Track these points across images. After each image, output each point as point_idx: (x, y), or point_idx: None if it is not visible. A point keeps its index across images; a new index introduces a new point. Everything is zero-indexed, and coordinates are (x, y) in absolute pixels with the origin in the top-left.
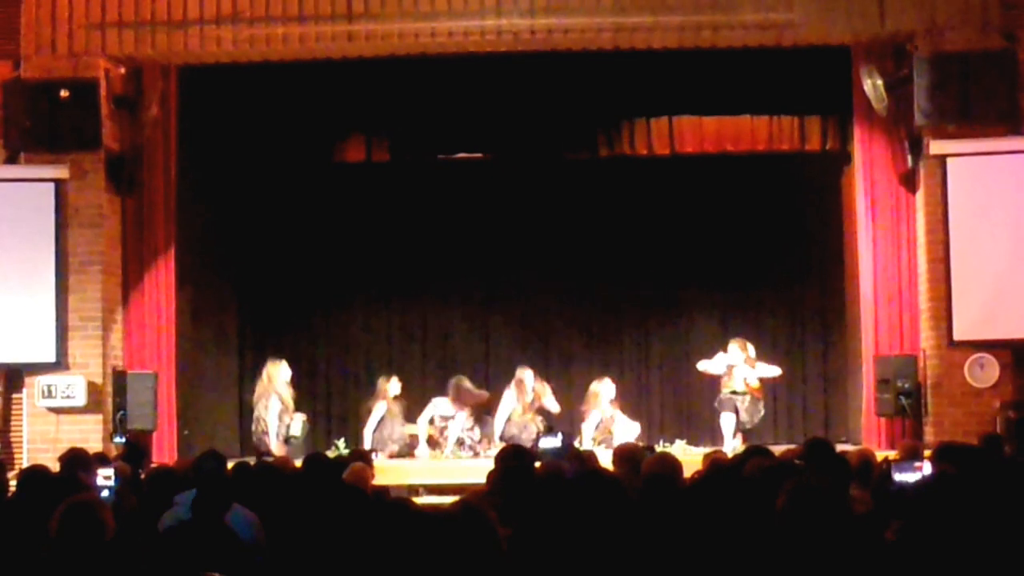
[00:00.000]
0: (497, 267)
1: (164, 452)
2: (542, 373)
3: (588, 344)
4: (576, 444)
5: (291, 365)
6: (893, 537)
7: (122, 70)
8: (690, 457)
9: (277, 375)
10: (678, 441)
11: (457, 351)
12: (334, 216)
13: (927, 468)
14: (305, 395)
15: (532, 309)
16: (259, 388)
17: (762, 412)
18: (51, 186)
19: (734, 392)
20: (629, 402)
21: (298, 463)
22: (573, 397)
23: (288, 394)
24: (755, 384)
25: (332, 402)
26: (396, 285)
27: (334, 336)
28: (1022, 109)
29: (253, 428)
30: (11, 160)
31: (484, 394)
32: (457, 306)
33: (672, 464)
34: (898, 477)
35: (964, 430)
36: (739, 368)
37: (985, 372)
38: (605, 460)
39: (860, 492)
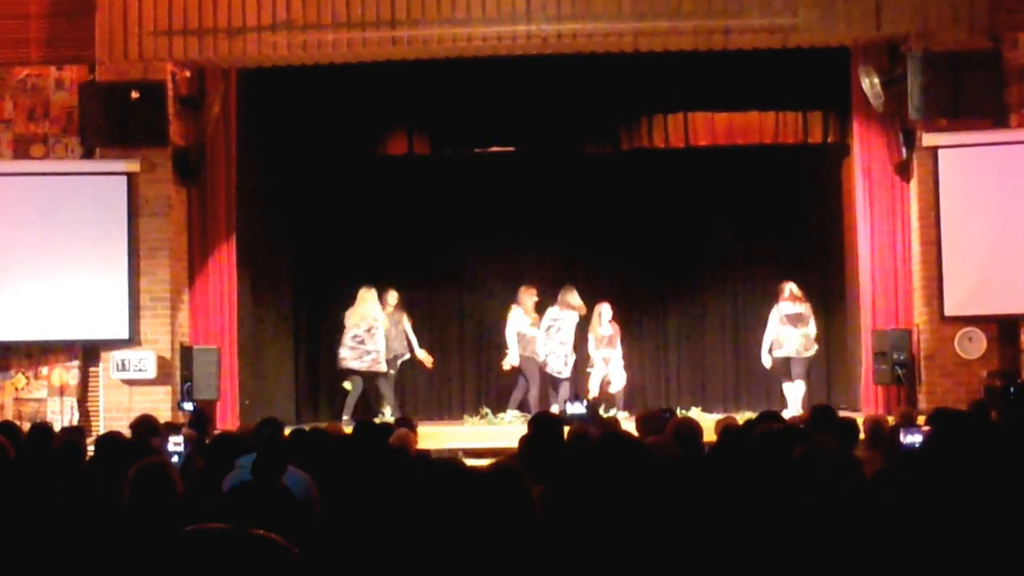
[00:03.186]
0: (527, 250)
1: (227, 419)
2: None
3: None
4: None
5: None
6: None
7: (187, 73)
8: (704, 423)
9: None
10: (693, 408)
11: (488, 327)
12: (378, 204)
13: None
14: None
15: (560, 288)
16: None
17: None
18: (123, 179)
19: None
20: (650, 372)
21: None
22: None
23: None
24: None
25: None
26: (433, 266)
27: None
28: (1007, 104)
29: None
30: (87, 155)
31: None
32: (489, 286)
33: (695, 425)
34: (905, 439)
35: (954, 397)
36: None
37: (973, 345)
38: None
39: (871, 453)
